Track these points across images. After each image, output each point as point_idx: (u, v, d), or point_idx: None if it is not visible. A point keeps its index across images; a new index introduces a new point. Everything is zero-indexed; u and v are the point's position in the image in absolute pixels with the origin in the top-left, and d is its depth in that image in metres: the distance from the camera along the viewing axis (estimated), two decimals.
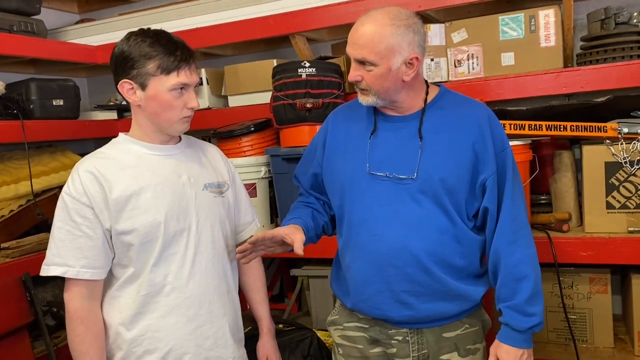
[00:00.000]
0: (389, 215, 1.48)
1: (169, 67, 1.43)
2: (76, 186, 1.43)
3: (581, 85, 2.02)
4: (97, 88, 3.39)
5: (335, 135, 1.62)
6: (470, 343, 1.54)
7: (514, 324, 1.46)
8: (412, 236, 1.46)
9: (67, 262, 1.42)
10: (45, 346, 2.22)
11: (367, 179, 1.51)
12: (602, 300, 2.05)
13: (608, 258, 1.87)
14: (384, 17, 1.42)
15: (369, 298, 1.51)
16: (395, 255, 1.47)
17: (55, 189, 2.60)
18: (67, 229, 1.42)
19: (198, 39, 2.58)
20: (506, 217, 1.47)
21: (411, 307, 1.49)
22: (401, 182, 1.48)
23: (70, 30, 2.97)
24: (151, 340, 1.47)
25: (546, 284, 2.11)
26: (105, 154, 1.50)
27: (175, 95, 1.45)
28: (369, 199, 1.50)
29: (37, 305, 2.20)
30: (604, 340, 2.05)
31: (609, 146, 1.87)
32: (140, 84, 1.44)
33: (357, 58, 1.44)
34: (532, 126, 1.93)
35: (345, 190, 1.55)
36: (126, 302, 1.46)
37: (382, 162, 1.50)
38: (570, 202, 2.06)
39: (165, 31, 1.51)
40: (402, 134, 1.51)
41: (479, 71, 2.20)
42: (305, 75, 2.21)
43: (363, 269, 1.51)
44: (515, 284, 1.46)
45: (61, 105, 2.63)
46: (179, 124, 1.49)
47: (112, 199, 1.42)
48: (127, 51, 1.45)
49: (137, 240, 1.44)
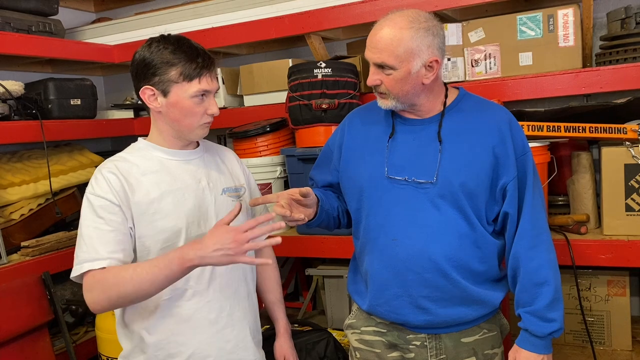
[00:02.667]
0: (407, 220, 1.47)
1: (191, 74, 1.43)
2: (101, 185, 1.43)
3: (600, 85, 1.99)
4: (114, 87, 3.42)
5: (353, 138, 1.61)
6: (489, 348, 1.54)
7: (534, 329, 1.45)
8: (431, 241, 1.45)
9: (97, 256, 1.38)
10: (65, 343, 2.25)
11: (386, 183, 1.50)
12: (621, 303, 2.03)
13: (627, 261, 1.85)
14: (402, 20, 1.41)
15: (387, 302, 1.51)
16: (413, 260, 1.46)
17: (74, 188, 2.64)
18: (95, 225, 1.41)
19: (214, 39, 2.59)
20: (526, 222, 1.46)
21: (429, 312, 1.48)
22: (420, 187, 1.47)
23: (87, 29, 2.99)
24: (173, 344, 1.48)
25: (564, 286, 2.08)
26: (126, 159, 1.51)
27: (197, 102, 1.45)
28: (387, 203, 1.49)
29: (57, 304, 2.23)
30: (622, 343, 2.04)
31: (629, 148, 1.85)
32: (162, 90, 1.45)
33: (376, 62, 1.43)
34: (550, 127, 1.91)
35: (364, 194, 1.53)
36: (148, 307, 1.48)
37: (401, 166, 1.49)
38: (588, 204, 2.04)
39: (186, 37, 1.51)
40: (421, 138, 1.50)
41: (497, 71, 2.18)
42: (321, 75, 2.21)
43: (381, 273, 1.50)
44: (535, 289, 1.45)
45: (79, 104, 2.66)
46: (199, 129, 1.50)
47: (134, 202, 1.43)
48: (149, 58, 1.45)
49: (157, 246, 1.44)
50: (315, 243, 2.29)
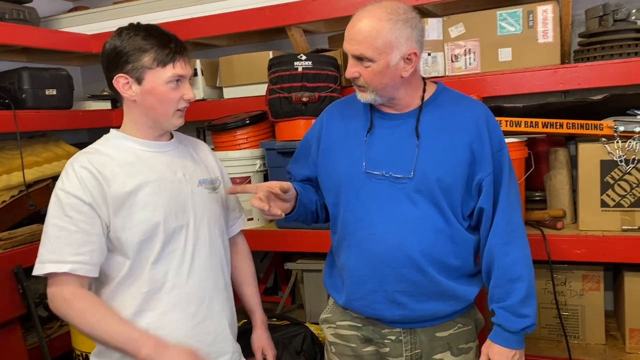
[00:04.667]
0: (385, 215, 1.46)
1: (165, 59, 1.42)
2: (72, 181, 1.40)
3: (578, 82, 2.01)
4: (91, 77, 3.35)
5: (331, 131, 1.60)
6: (463, 342, 1.54)
7: (507, 324, 1.45)
8: (408, 236, 1.45)
9: (61, 258, 1.37)
10: (38, 338, 2.21)
11: (363, 178, 1.49)
12: (595, 297, 2.05)
13: (602, 256, 1.87)
14: (381, 11, 1.39)
15: (363, 297, 1.51)
16: (390, 255, 1.46)
17: (48, 180, 2.59)
18: (62, 225, 1.39)
19: (193, 29, 2.55)
20: (501, 218, 1.47)
21: (405, 307, 1.48)
22: (397, 182, 1.46)
23: (63, 18, 2.93)
24: None
25: (539, 280, 2.11)
26: (99, 151, 1.47)
27: (172, 87, 1.44)
28: (365, 197, 1.49)
29: (30, 298, 2.19)
30: (595, 337, 2.07)
31: (605, 144, 1.87)
32: (136, 78, 1.43)
33: (354, 54, 1.41)
34: (528, 123, 1.92)
35: (341, 189, 1.52)
36: (126, 300, 1.45)
37: (379, 160, 1.48)
38: (564, 199, 2.06)
39: (155, 25, 1.49)
40: (399, 132, 1.49)
41: (476, 66, 2.19)
42: (301, 68, 2.20)
43: (358, 267, 1.50)
44: (509, 284, 1.45)
45: (54, 94, 2.60)
46: (175, 117, 1.48)
47: (110, 196, 1.40)
48: (120, 46, 1.42)
49: (136, 238, 1.42)
50: (294, 237, 2.28)
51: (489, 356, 1.48)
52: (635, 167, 1.85)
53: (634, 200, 1.87)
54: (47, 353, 2.16)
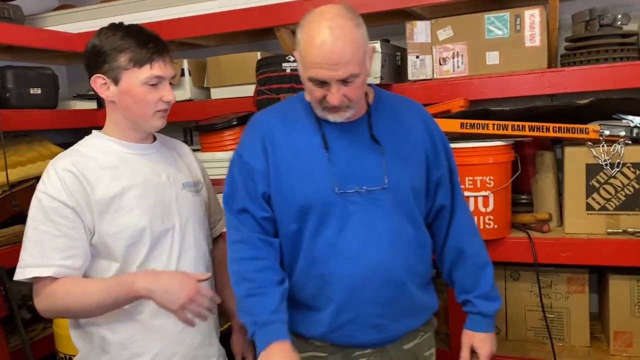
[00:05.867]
0: (363, 235, 1.36)
1: (142, 59, 1.38)
2: (54, 184, 1.37)
3: (564, 86, 2.02)
4: (77, 77, 3.32)
5: (277, 151, 1.38)
6: (427, 350, 1.52)
7: (486, 310, 1.49)
8: (388, 253, 1.37)
9: (43, 262, 1.35)
10: (21, 341, 2.18)
11: (335, 199, 1.35)
12: (580, 300, 2.07)
13: (587, 259, 1.89)
14: (346, 22, 1.26)
15: (341, 327, 1.40)
16: (371, 277, 1.36)
17: (32, 180, 2.54)
18: (44, 229, 1.36)
19: (180, 29, 2.53)
20: (462, 211, 1.51)
21: (384, 329, 1.41)
22: (371, 195, 1.36)
23: (49, 16, 2.89)
24: (139, 343, 1.44)
25: (525, 283, 2.13)
26: (82, 153, 1.45)
27: (149, 89, 1.40)
28: (337, 219, 1.35)
29: (12, 299, 2.16)
30: (580, 339, 2.08)
31: (591, 148, 1.88)
32: (113, 78, 1.40)
33: (341, 78, 1.26)
34: (515, 126, 1.93)
35: (308, 215, 1.36)
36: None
37: (347, 176, 1.36)
38: (551, 202, 2.07)
39: (138, 25, 1.46)
40: (355, 141, 1.38)
41: (464, 69, 2.19)
42: (289, 69, 2.19)
43: (333, 297, 1.37)
44: (479, 272, 1.50)
45: (39, 94, 2.57)
46: (154, 119, 1.44)
47: (94, 200, 1.38)
48: (98, 45, 1.41)
49: (122, 242, 1.40)
50: None
51: (474, 345, 1.49)
52: (620, 171, 1.86)
53: (619, 204, 1.88)
54: (30, 355, 2.13)
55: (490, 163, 1.92)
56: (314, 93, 1.31)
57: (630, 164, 1.85)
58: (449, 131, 1.97)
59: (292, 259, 1.42)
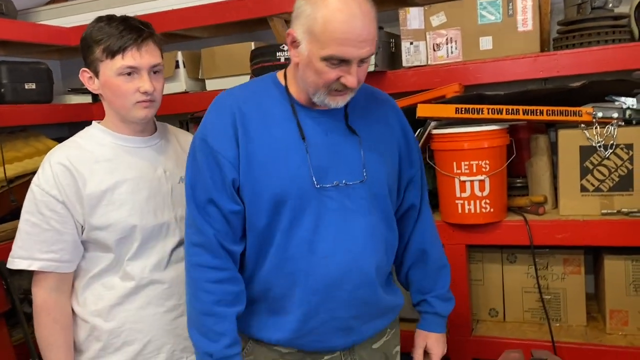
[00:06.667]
0: (340, 232, 1.28)
1: (113, 50, 1.37)
2: (47, 178, 1.39)
3: (557, 69, 2.04)
4: (71, 71, 3.31)
5: (253, 139, 1.27)
6: (393, 347, 1.52)
7: (442, 310, 1.50)
8: (363, 252, 1.31)
9: (32, 255, 1.39)
10: (23, 334, 2.19)
11: (313, 193, 1.26)
12: (576, 281, 2.10)
13: (582, 240, 1.91)
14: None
15: (312, 331, 1.32)
16: (346, 277, 1.29)
17: (29, 175, 2.55)
18: (34, 221, 1.39)
19: (173, 21, 2.53)
20: (427, 210, 1.50)
21: (354, 332, 1.36)
22: (349, 189, 1.29)
23: (42, 10, 2.88)
24: (130, 331, 1.46)
25: (522, 265, 2.15)
26: (80, 145, 1.46)
27: (125, 80, 1.38)
28: (314, 215, 1.27)
29: (14, 294, 2.17)
30: (577, 319, 2.11)
31: (584, 130, 1.90)
32: (94, 71, 1.41)
33: (363, 57, 1.19)
34: (509, 110, 1.95)
35: (282, 208, 1.26)
36: (102, 293, 1.45)
37: (326, 169, 1.28)
38: (545, 185, 2.09)
39: (124, 15, 1.44)
40: (332, 131, 1.30)
41: (458, 55, 2.20)
42: (284, 59, 2.19)
43: (305, 299, 1.29)
44: (437, 272, 1.50)
45: (34, 89, 2.57)
46: (135, 110, 1.42)
47: (85, 194, 1.39)
48: (83, 39, 1.43)
49: (113, 236, 1.42)
50: None
51: (428, 346, 1.50)
52: (613, 152, 1.88)
53: (612, 185, 1.91)
54: (32, 348, 2.14)
55: (485, 147, 1.93)
56: (326, 75, 1.20)
57: (623, 145, 1.88)
58: (444, 116, 1.99)
59: (259, 256, 1.31)
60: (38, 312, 1.44)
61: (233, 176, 1.27)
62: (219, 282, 1.29)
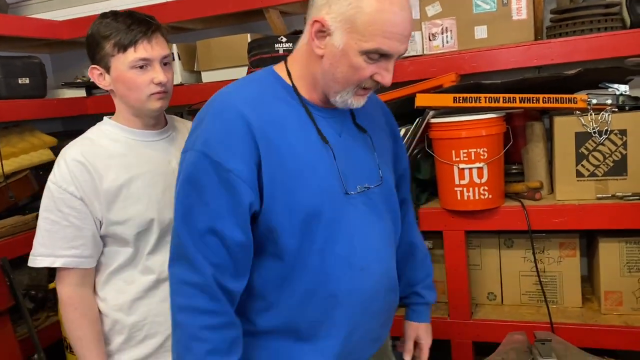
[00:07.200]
0: (368, 240, 1.21)
1: (124, 43, 1.38)
2: (63, 175, 1.39)
3: (551, 57, 2.08)
4: (62, 65, 3.28)
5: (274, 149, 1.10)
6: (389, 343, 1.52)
7: (431, 299, 1.52)
8: (389, 257, 1.28)
9: (54, 253, 1.40)
10: (28, 329, 2.20)
11: (344, 202, 1.17)
12: (572, 264, 2.15)
13: (578, 224, 1.96)
14: None
15: (352, 349, 1.24)
16: (380, 286, 1.24)
17: (26, 171, 2.54)
18: (53, 219, 1.39)
19: (167, 13, 2.52)
20: (411, 204, 1.52)
21: (380, 339, 1.33)
22: (370, 194, 1.23)
23: (33, 4, 2.86)
24: (152, 324, 1.48)
25: (519, 250, 2.20)
26: (92, 141, 1.46)
27: (138, 73, 1.40)
28: (347, 226, 1.17)
29: (17, 289, 2.17)
30: (572, 301, 2.17)
31: (579, 117, 1.95)
32: (105, 67, 1.42)
33: (403, 53, 1.12)
34: (506, 99, 1.98)
35: (316, 225, 1.13)
36: (123, 288, 1.46)
37: (348, 174, 1.18)
38: (541, 171, 2.13)
39: (130, 11, 1.45)
40: (343, 131, 1.22)
41: (453, 44, 2.23)
42: (282, 50, 2.20)
43: (347, 319, 1.19)
44: (422, 263, 1.52)
45: (27, 83, 2.55)
46: (150, 102, 1.44)
47: (103, 190, 1.40)
48: (90, 36, 1.42)
49: (131, 231, 1.43)
50: None
51: (418, 336, 1.49)
52: (608, 138, 1.93)
53: (607, 170, 1.95)
54: (37, 343, 2.15)
55: (483, 135, 1.97)
56: (363, 71, 1.10)
57: (617, 131, 1.92)
58: (443, 106, 2.02)
59: (285, 284, 1.15)
60: (65, 309, 1.45)
61: (250, 199, 1.08)
62: (214, 329, 1.10)
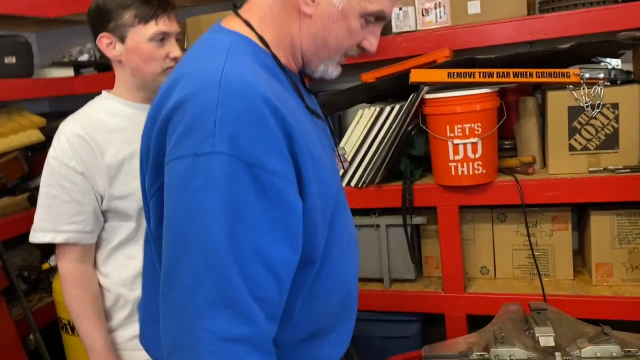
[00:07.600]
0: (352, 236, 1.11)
1: (147, 16, 1.39)
2: (64, 149, 1.38)
3: (544, 32, 2.08)
4: (47, 44, 3.22)
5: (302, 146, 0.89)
6: None
7: None
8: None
9: (56, 228, 1.39)
10: (23, 310, 2.19)
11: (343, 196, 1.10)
12: (563, 237, 2.18)
13: (571, 197, 1.99)
14: None
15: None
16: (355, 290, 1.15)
17: (16, 151, 2.51)
18: (54, 194, 1.39)
19: None
20: None
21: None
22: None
23: None
24: None
25: (511, 224, 2.23)
26: (92, 115, 1.45)
27: (156, 46, 1.41)
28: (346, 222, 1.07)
29: (10, 270, 2.15)
30: (564, 273, 2.20)
31: (572, 91, 1.96)
32: (119, 36, 1.40)
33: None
34: (500, 74, 1.99)
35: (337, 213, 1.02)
36: (125, 263, 1.46)
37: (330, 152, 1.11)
38: (534, 146, 2.15)
39: None
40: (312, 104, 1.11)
41: (446, 20, 2.23)
42: None
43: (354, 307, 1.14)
44: None
45: (14, 63, 2.50)
46: (163, 76, 1.45)
47: (104, 165, 1.39)
48: (102, 4, 1.40)
49: (134, 205, 1.42)
50: None
51: None
52: (600, 112, 1.95)
53: (599, 143, 1.98)
54: (33, 323, 2.15)
55: (477, 110, 1.98)
56: (357, 36, 1.00)
57: (609, 105, 1.94)
58: (437, 81, 2.02)
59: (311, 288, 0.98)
60: (66, 285, 1.45)
61: (299, 205, 0.87)
62: None
